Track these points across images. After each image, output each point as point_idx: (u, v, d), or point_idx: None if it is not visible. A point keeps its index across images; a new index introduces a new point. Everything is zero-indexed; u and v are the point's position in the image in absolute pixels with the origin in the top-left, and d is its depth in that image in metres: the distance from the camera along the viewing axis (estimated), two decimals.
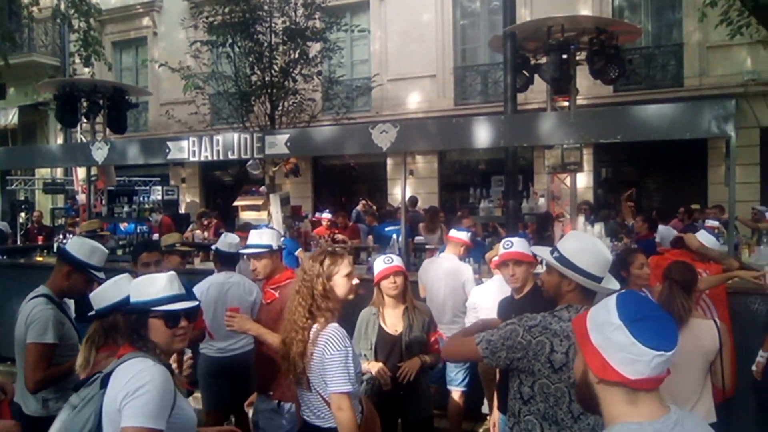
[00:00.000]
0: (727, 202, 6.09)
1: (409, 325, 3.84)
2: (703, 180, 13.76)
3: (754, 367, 4.60)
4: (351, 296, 2.96)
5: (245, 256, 4.47)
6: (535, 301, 3.42)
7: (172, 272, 2.45)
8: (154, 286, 2.36)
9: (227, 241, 4.91)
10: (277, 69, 11.26)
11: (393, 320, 3.90)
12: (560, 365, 2.37)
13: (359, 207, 12.64)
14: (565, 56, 6.72)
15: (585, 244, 2.52)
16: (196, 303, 2.44)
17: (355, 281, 2.99)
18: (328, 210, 12.34)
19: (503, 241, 3.88)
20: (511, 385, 2.58)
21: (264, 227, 5.69)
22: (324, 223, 10.90)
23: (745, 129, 13.11)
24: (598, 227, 7.10)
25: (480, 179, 15.55)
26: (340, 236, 10.40)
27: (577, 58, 7.20)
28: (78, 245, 3.38)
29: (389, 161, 16.20)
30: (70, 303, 3.59)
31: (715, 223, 8.52)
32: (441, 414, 5.40)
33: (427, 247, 8.49)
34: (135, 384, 2.13)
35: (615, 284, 2.49)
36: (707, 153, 13.36)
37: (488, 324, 2.87)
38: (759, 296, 4.97)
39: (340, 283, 2.91)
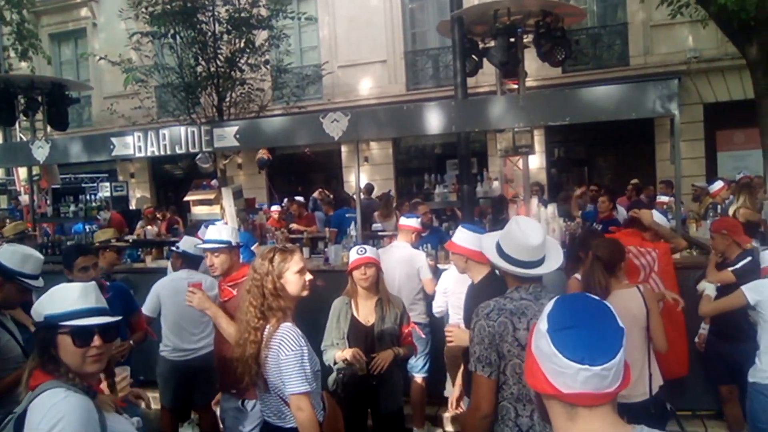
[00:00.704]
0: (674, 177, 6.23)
1: (381, 317, 3.86)
2: (651, 156, 14.13)
3: (696, 339, 4.76)
4: (304, 293, 2.90)
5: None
6: (491, 285, 3.44)
7: (91, 283, 2.22)
8: (66, 298, 2.09)
9: (192, 242, 4.81)
10: (222, 59, 10.96)
11: (365, 311, 3.91)
12: (526, 342, 2.36)
13: (316, 194, 12.52)
14: (512, 40, 6.75)
15: (511, 232, 2.58)
16: (114, 319, 2.16)
17: (308, 277, 2.92)
18: (277, 202, 12.23)
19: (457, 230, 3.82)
20: None
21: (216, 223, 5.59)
22: (275, 215, 10.79)
23: (689, 105, 13.52)
24: (551, 208, 7.17)
25: (435, 163, 15.63)
26: (295, 226, 10.29)
27: (525, 41, 7.23)
28: (9, 253, 3.20)
29: (344, 148, 16.09)
30: None
31: (666, 199, 8.76)
32: (404, 400, 5.44)
33: (383, 234, 8.48)
34: (48, 424, 1.88)
35: (547, 267, 2.55)
36: (654, 130, 13.73)
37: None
38: (705, 270, 5.13)
39: (292, 280, 2.85)
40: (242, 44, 10.94)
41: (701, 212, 8.39)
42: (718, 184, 8.28)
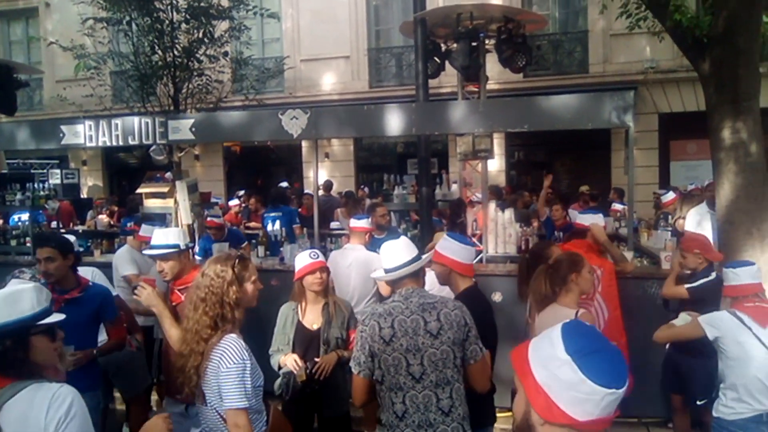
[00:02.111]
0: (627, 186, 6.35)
1: (327, 321, 3.81)
2: (607, 163, 14.43)
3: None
4: (254, 304, 2.87)
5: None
6: (473, 300, 3.41)
7: (38, 284, 2.20)
8: (29, 299, 2.08)
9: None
10: (180, 49, 10.69)
11: (312, 315, 3.86)
12: (390, 337, 2.72)
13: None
14: (474, 44, 6.76)
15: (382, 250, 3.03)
16: (60, 317, 2.19)
17: (260, 287, 2.90)
18: (237, 195, 12.01)
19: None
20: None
21: (157, 225, 5.44)
22: (233, 209, 10.60)
23: (645, 115, 13.86)
24: (509, 213, 7.24)
25: (397, 161, 15.65)
26: (253, 224, 10.12)
27: (487, 45, 7.26)
28: None
29: (305, 143, 15.94)
30: None
31: (619, 207, 8.94)
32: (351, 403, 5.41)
33: (342, 233, 8.41)
34: (60, 411, 1.91)
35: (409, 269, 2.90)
36: (611, 138, 14.00)
37: None
38: (655, 280, 5.25)
39: (249, 290, 2.82)
40: (201, 34, 10.68)
41: (656, 220, 8.61)
42: (670, 195, 8.50)
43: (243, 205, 11.25)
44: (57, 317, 2.16)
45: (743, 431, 3.14)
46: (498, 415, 3.48)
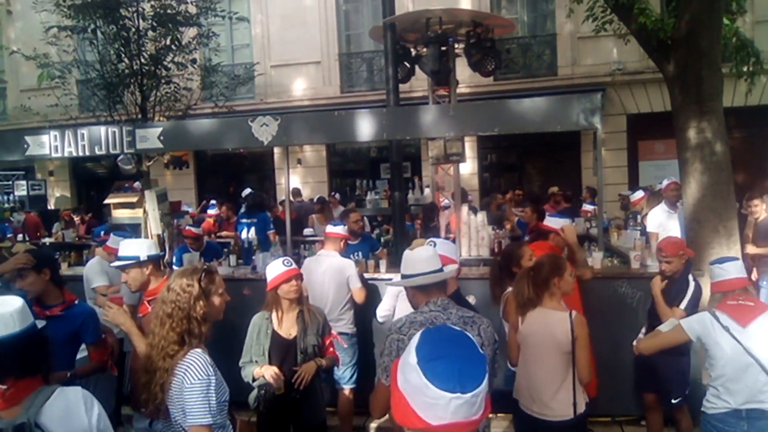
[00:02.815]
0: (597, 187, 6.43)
1: (303, 329, 3.78)
2: (577, 164, 14.60)
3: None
4: (221, 317, 2.82)
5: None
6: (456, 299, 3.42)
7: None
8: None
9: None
10: (146, 56, 10.53)
11: (287, 324, 3.82)
12: None
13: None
14: (444, 48, 6.79)
15: (404, 258, 2.93)
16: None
17: (227, 299, 2.85)
18: (214, 203, 11.85)
19: (426, 242, 3.65)
20: None
21: (124, 235, 5.34)
22: (211, 219, 10.46)
23: (613, 116, 14.07)
24: (481, 216, 7.27)
25: (370, 166, 15.64)
26: (225, 233, 10.00)
27: (456, 50, 7.29)
28: None
29: (276, 150, 15.83)
30: None
31: (590, 208, 9.05)
32: (332, 412, 5.38)
33: (315, 239, 8.37)
34: (90, 408, 2.03)
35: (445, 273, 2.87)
36: (580, 139, 14.17)
37: None
38: (625, 279, 5.31)
39: (216, 303, 2.76)
40: (168, 42, 10.54)
41: (625, 220, 8.74)
42: (639, 194, 8.64)
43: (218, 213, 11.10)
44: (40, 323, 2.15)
45: (723, 425, 3.21)
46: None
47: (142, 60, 10.55)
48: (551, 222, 5.26)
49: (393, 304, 4.76)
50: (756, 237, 6.67)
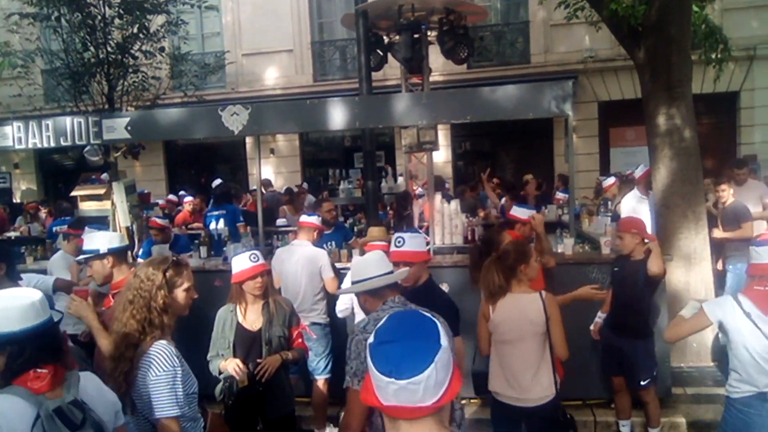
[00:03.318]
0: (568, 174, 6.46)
1: (268, 321, 3.74)
2: (550, 151, 14.70)
3: (591, 327, 4.96)
4: (186, 312, 2.79)
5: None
6: (429, 294, 3.42)
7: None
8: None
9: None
10: (113, 45, 10.28)
11: (252, 316, 3.78)
12: None
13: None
14: (416, 36, 6.73)
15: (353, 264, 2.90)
16: None
17: (195, 296, 2.81)
18: (186, 192, 11.66)
19: (395, 237, 3.58)
20: None
21: (96, 228, 5.22)
22: (188, 207, 10.28)
23: (585, 103, 14.17)
24: (454, 204, 7.26)
25: (344, 155, 15.55)
26: (196, 224, 9.86)
27: (429, 37, 7.24)
28: None
29: (248, 139, 15.65)
30: None
31: (562, 196, 9.12)
32: (307, 402, 5.36)
33: (288, 229, 8.30)
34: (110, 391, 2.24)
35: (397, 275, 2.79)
36: (553, 126, 14.26)
37: None
38: (596, 265, 5.37)
39: (181, 297, 2.73)
40: (135, 30, 10.29)
41: (597, 206, 8.82)
42: (610, 180, 8.72)
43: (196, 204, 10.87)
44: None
45: (748, 408, 3.21)
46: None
47: (109, 48, 10.31)
48: (517, 212, 5.29)
49: (350, 299, 4.76)
50: (723, 221, 6.78)
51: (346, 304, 4.83)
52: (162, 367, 2.49)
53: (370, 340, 1.39)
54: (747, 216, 6.60)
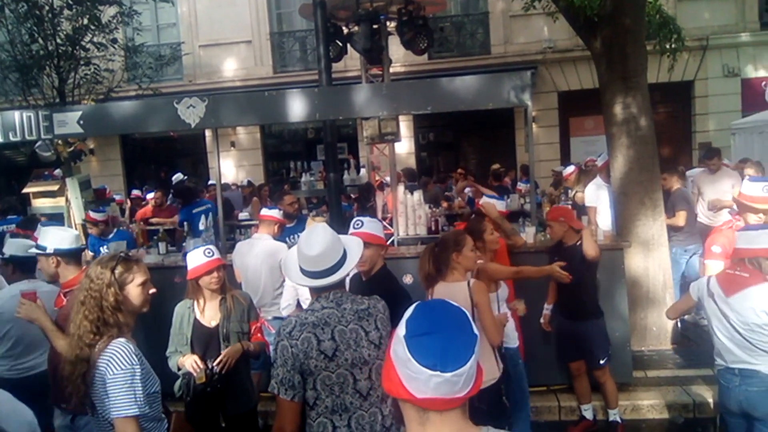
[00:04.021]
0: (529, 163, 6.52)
1: (226, 316, 3.70)
2: (512, 141, 14.83)
3: (542, 320, 5.03)
4: (145, 308, 2.71)
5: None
6: (383, 283, 3.38)
7: None
8: None
9: (20, 244, 4.18)
10: (63, 36, 9.93)
11: (210, 312, 3.74)
12: (333, 351, 2.38)
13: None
14: (375, 26, 6.68)
15: (299, 243, 2.57)
16: None
17: (152, 291, 2.73)
18: (149, 189, 11.41)
19: (354, 220, 3.65)
20: None
21: (50, 224, 5.05)
22: (150, 203, 10.07)
23: (545, 93, 14.33)
24: (417, 195, 7.27)
25: (306, 148, 15.42)
26: (156, 219, 9.66)
27: (389, 28, 7.20)
28: None
29: (208, 132, 15.35)
30: None
31: (525, 186, 9.21)
32: (271, 397, 5.28)
33: (250, 223, 8.19)
34: None
35: (337, 276, 2.49)
36: (514, 117, 14.38)
37: None
38: (545, 255, 5.40)
39: (135, 293, 2.65)
40: (86, 20, 9.96)
41: (558, 195, 8.94)
42: (570, 169, 8.84)
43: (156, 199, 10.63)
44: None
45: (722, 379, 3.42)
46: None
47: (58, 40, 9.96)
48: (482, 201, 5.33)
49: (293, 295, 4.74)
50: (665, 208, 6.95)
51: (288, 300, 4.79)
52: (120, 365, 2.43)
53: (401, 332, 1.34)
54: (683, 205, 6.78)
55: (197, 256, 3.64)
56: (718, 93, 13.99)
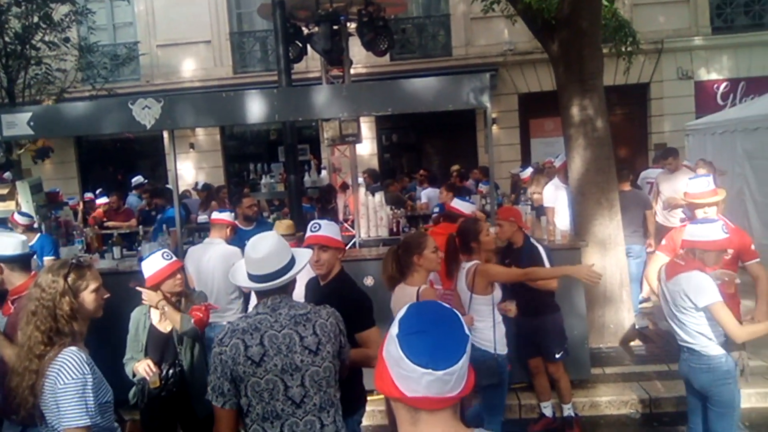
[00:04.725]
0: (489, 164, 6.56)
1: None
2: (473, 142, 14.92)
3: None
4: (99, 314, 2.63)
5: None
6: (341, 288, 3.34)
7: None
8: None
9: None
10: (11, 34, 9.60)
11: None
12: (260, 357, 2.37)
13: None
14: (335, 27, 6.65)
15: (246, 248, 2.59)
16: None
17: (105, 296, 2.65)
18: (102, 192, 11.15)
19: (311, 223, 3.58)
20: None
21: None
22: (101, 208, 9.85)
23: (506, 95, 14.48)
24: (379, 196, 7.25)
25: (268, 150, 15.23)
26: (111, 223, 9.44)
27: (350, 29, 7.17)
28: None
29: (166, 134, 15.04)
30: None
31: (486, 187, 9.28)
32: None
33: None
34: None
35: (282, 281, 2.49)
36: (475, 118, 14.48)
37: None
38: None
39: (89, 300, 2.57)
40: (37, 18, 9.65)
41: (513, 200, 9.04)
42: (528, 171, 8.96)
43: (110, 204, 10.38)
44: None
45: (681, 355, 3.73)
46: (370, 398, 3.52)
47: (6, 39, 9.61)
48: (459, 205, 5.32)
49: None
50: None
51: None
52: (71, 374, 2.35)
53: (394, 331, 1.34)
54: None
55: (156, 261, 3.55)
56: (672, 95, 14.35)
